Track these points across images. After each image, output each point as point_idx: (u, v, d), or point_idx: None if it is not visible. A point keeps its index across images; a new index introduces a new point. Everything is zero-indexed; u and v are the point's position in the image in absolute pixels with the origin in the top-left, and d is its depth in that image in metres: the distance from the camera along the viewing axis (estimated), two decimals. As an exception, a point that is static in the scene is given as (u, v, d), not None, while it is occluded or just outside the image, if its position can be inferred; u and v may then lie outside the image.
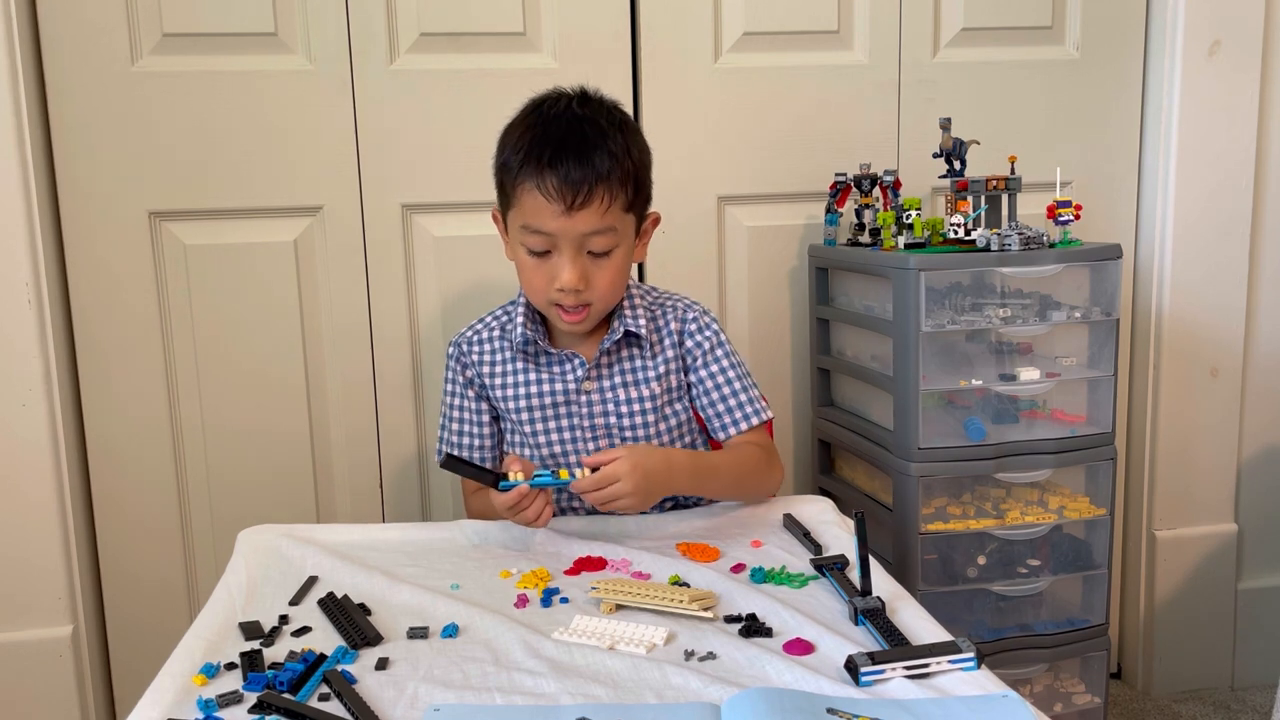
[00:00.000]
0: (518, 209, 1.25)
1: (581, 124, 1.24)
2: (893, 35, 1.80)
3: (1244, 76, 1.83)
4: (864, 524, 1.02)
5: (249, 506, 1.69)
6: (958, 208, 1.53)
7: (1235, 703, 1.93)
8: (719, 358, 1.36)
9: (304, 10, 1.62)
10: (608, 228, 1.24)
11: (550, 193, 1.21)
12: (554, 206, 1.21)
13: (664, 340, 1.36)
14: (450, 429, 1.40)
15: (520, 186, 1.23)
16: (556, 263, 1.25)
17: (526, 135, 1.24)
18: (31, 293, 1.54)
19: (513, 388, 1.34)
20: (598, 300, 1.28)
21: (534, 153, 1.22)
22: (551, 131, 1.23)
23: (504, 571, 1.15)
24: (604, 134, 1.24)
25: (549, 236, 1.23)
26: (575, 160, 1.21)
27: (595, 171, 1.21)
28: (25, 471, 1.57)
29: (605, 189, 1.22)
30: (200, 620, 1.02)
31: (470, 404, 1.38)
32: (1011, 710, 0.82)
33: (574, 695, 0.86)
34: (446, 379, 1.40)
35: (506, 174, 1.26)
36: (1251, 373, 1.93)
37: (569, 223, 1.22)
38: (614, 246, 1.26)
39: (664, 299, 1.40)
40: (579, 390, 1.33)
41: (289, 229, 1.67)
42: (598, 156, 1.21)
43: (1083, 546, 1.59)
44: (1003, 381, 1.52)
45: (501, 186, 1.29)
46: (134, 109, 1.59)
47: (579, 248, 1.24)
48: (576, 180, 1.20)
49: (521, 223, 1.25)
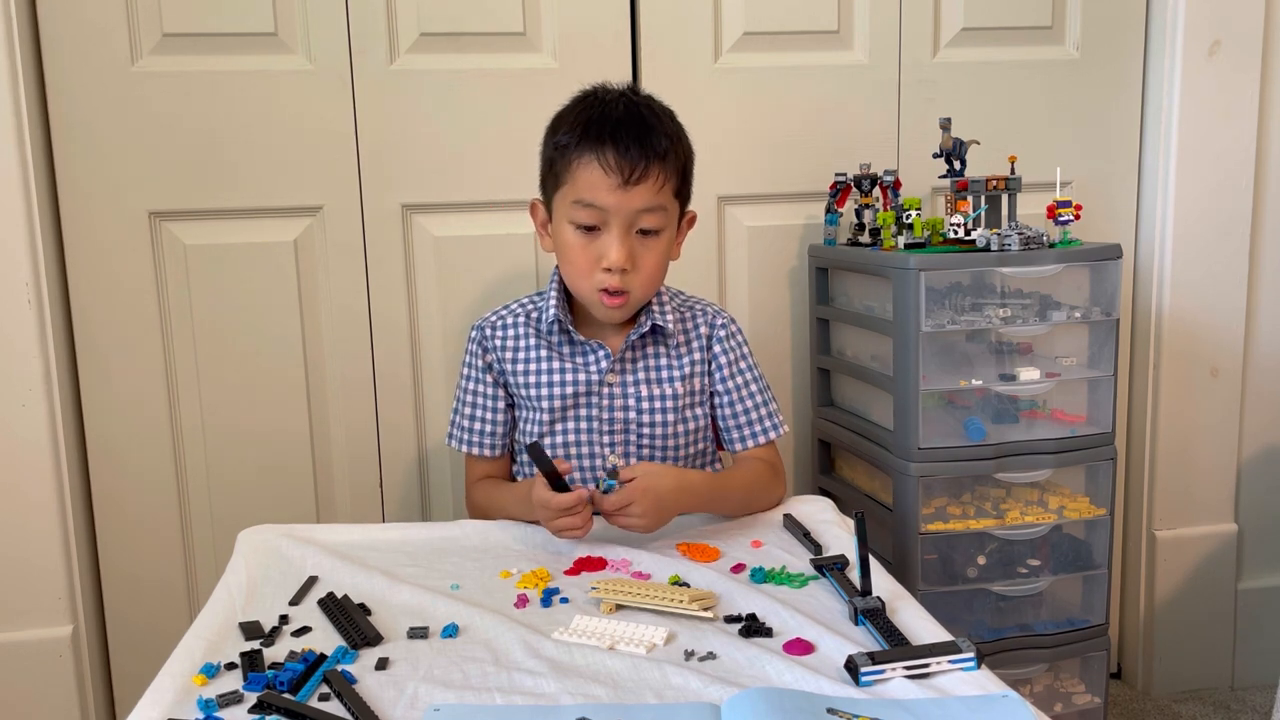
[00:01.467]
0: (570, 185, 1.27)
1: (638, 107, 1.29)
2: (893, 35, 1.80)
3: (1244, 76, 1.83)
4: (864, 524, 1.02)
5: (249, 506, 1.69)
6: (958, 208, 1.53)
7: (1235, 703, 1.93)
8: (743, 370, 1.40)
9: (304, 10, 1.62)
10: (659, 206, 1.28)
11: (610, 165, 1.24)
12: (611, 180, 1.24)
13: (691, 342, 1.38)
14: (463, 413, 1.40)
15: (577, 161, 1.26)
16: (604, 241, 1.27)
17: (584, 115, 1.28)
18: (31, 293, 1.53)
19: (534, 375, 1.35)
20: (638, 287, 1.29)
21: (594, 128, 1.26)
22: (610, 112, 1.27)
23: (504, 571, 1.15)
24: (659, 118, 1.29)
25: (601, 211, 1.26)
26: (634, 136, 1.25)
27: (654, 149, 1.25)
28: (25, 471, 1.57)
29: (661, 168, 1.26)
30: (200, 620, 1.02)
31: (486, 389, 1.38)
32: (1011, 710, 0.82)
33: (574, 695, 0.86)
34: (464, 363, 1.41)
35: (561, 152, 1.28)
36: (1251, 373, 1.93)
37: (624, 197, 1.25)
38: (662, 228, 1.29)
39: (692, 302, 1.43)
40: (601, 382, 1.34)
41: (289, 229, 1.67)
42: (655, 136, 1.26)
43: (1083, 546, 1.59)
44: (1003, 381, 1.52)
45: (551, 167, 1.31)
46: (134, 109, 1.59)
47: (629, 226, 1.27)
48: (635, 155, 1.24)
49: (575, 198, 1.27)
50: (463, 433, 1.40)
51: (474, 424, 1.39)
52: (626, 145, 1.24)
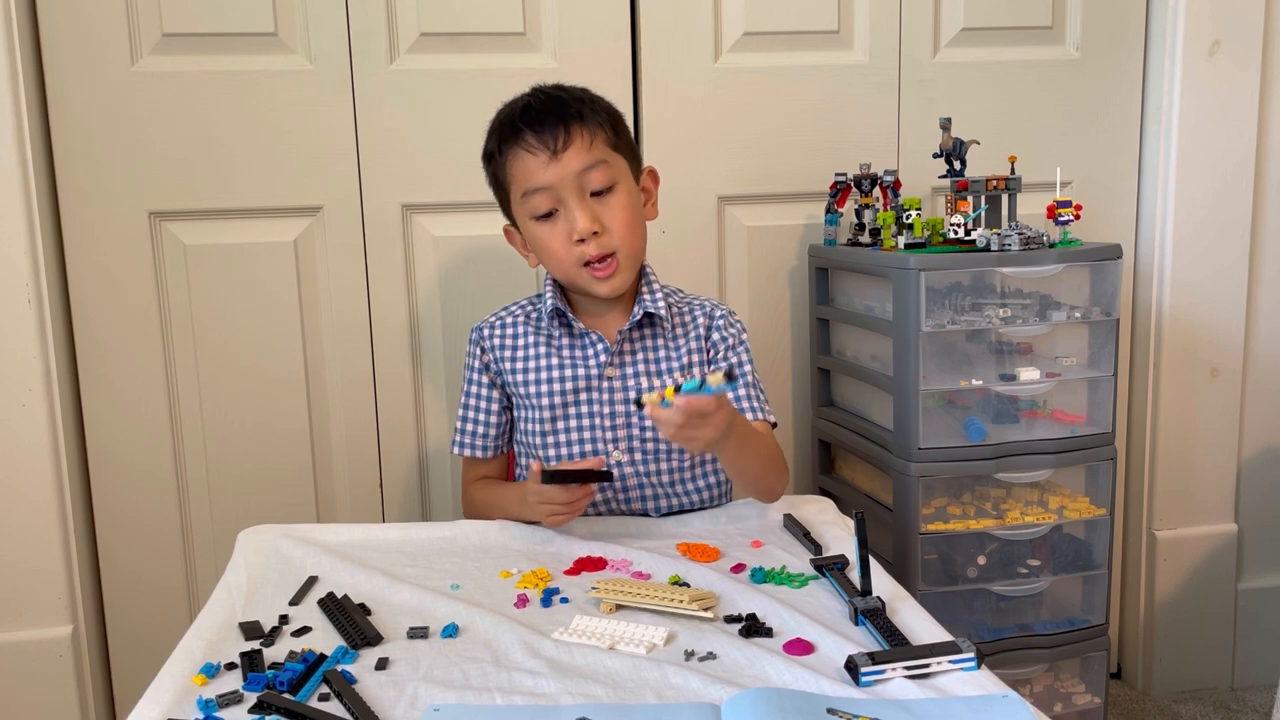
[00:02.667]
0: (514, 184, 1.30)
1: (543, 92, 1.32)
2: (893, 35, 1.80)
3: (1244, 76, 1.83)
4: (864, 524, 1.02)
5: (249, 506, 1.69)
6: (958, 208, 1.53)
7: (1235, 703, 1.93)
8: (740, 354, 1.39)
9: (304, 10, 1.62)
10: (599, 161, 1.27)
11: (532, 145, 1.26)
12: (540, 157, 1.26)
13: (690, 333, 1.38)
14: (469, 416, 1.40)
15: (506, 159, 1.29)
16: (567, 218, 1.28)
17: (497, 121, 1.32)
18: (31, 293, 1.54)
19: (533, 372, 1.35)
20: (620, 244, 1.29)
21: (507, 124, 1.29)
22: (515, 105, 1.31)
23: (504, 571, 1.15)
24: (566, 91, 1.32)
25: (548, 190, 1.27)
26: (545, 110, 1.27)
27: (566, 113, 1.27)
28: (25, 471, 1.57)
29: (582, 127, 1.27)
30: (200, 620, 1.02)
31: (483, 390, 1.39)
32: (1011, 710, 0.82)
33: (574, 695, 0.86)
34: (465, 366, 1.42)
35: (492, 161, 1.32)
36: (1251, 373, 1.93)
37: (559, 167, 1.26)
38: (613, 182, 1.29)
39: (690, 297, 1.43)
40: (601, 376, 1.34)
41: (289, 229, 1.67)
42: (563, 104, 1.28)
43: (1083, 546, 1.59)
44: (1003, 381, 1.52)
45: (496, 182, 1.34)
46: (134, 109, 1.59)
47: (580, 191, 1.27)
48: (552, 124, 1.26)
49: (520, 192, 1.29)
50: (464, 435, 1.40)
51: (476, 427, 1.39)
52: (540, 121, 1.26)
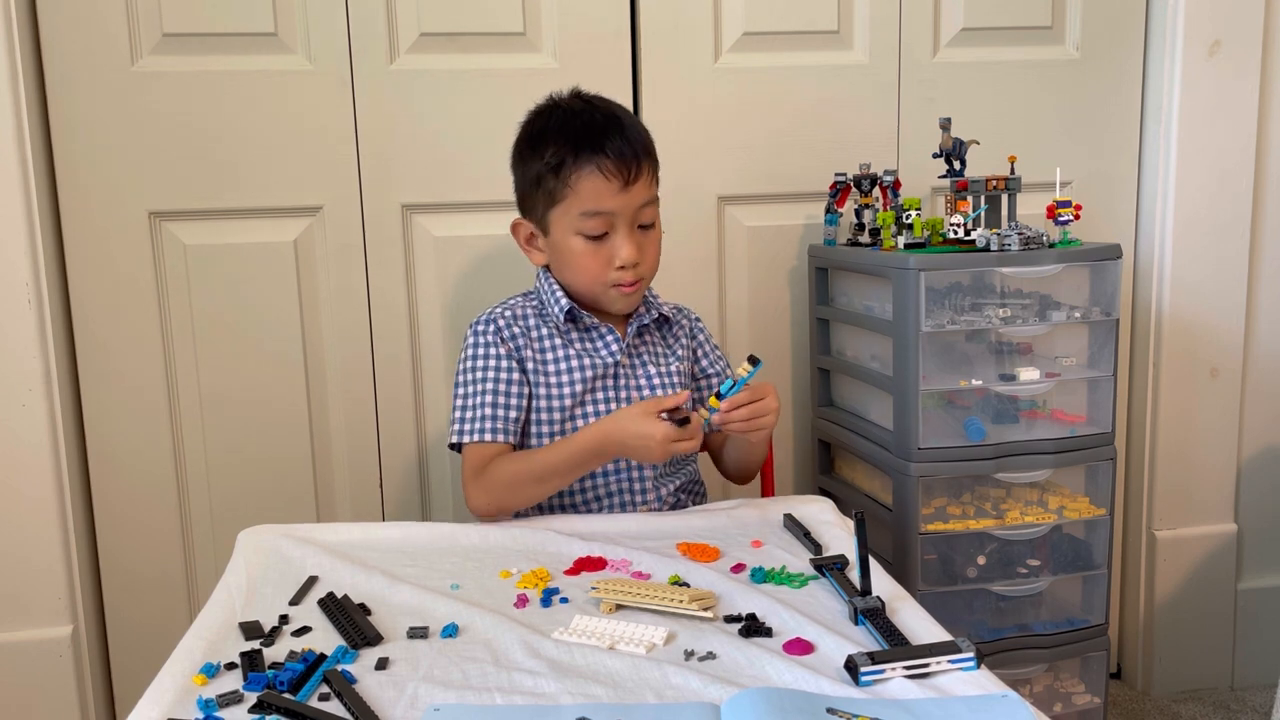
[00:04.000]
0: (573, 199, 1.30)
1: (612, 110, 1.34)
2: (893, 35, 1.80)
3: (1244, 76, 1.83)
4: (864, 524, 1.02)
5: (249, 506, 1.69)
6: (958, 208, 1.53)
7: (1235, 703, 1.93)
8: (717, 350, 1.51)
9: (304, 10, 1.62)
10: (653, 198, 1.34)
11: (610, 171, 1.28)
12: (613, 184, 1.29)
13: (682, 332, 1.47)
14: (485, 402, 1.34)
15: (576, 175, 1.29)
16: (614, 242, 1.32)
17: (568, 129, 1.31)
18: (31, 293, 1.54)
19: (553, 363, 1.37)
20: (647, 273, 1.36)
21: (586, 139, 1.29)
22: (586, 120, 1.31)
23: (504, 571, 1.15)
24: (625, 115, 1.34)
25: (608, 216, 1.30)
26: (623, 139, 1.29)
27: (640, 145, 1.31)
28: (25, 471, 1.57)
29: (648, 161, 1.32)
30: (200, 620, 1.02)
31: (515, 375, 1.36)
32: (1011, 710, 0.82)
33: (574, 695, 0.86)
34: (479, 355, 1.36)
35: (556, 170, 1.30)
36: (1251, 373, 1.93)
37: (626, 198, 1.30)
38: (656, 218, 1.36)
39: (667, 302, 1.49)
40: (616, 364, 1.38)
41: (289, 229, 1.67)
42: (637, 133, 1.32)
43: (1082, 546, 1.59)
44: (1003, 381, 1.52)
45: (540, 185, 1.32)
46: (134, 109, 1.59)
47: (633, 223, 1.32)
48: (629, 156, 1.29)
49: (580, 210, 1.30)
50: (484, 420, 1.33)
51: (504, 411, 1.34)
52: (619, 148, 1.28)
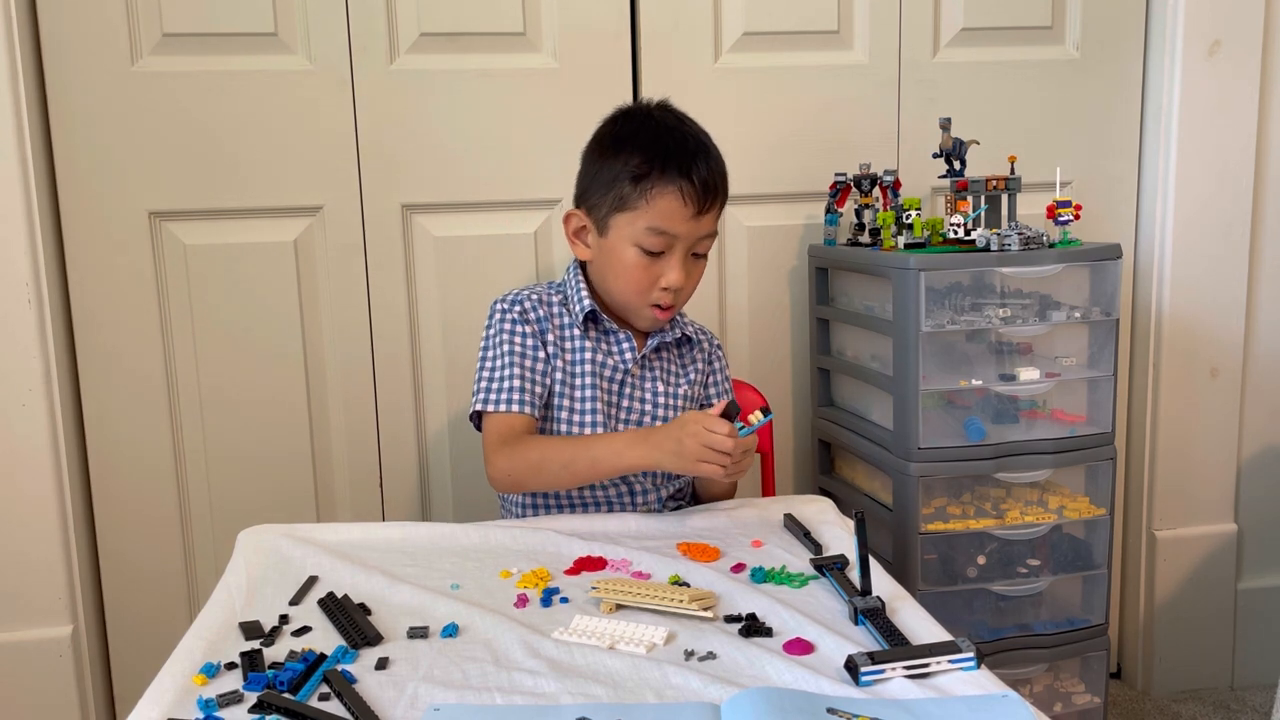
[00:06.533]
0: (646, 210, 1.28)
1: (700, 134, 1.33)
2: (893, 35, 1.80)
3: (1244, 76, 1.83)
4: (864, 524, 1.02)
5: (249, 506, 1.69)
6: (958, 208, 1.53)
7: (1235, 703, 1.93)
8: (729, 380, 1.50)
9: (304, 10, 1.62)
10: (715, 230, 1.34)
11: (689, 196, 1.27)
12: (688, 210, 1.28)
13: (697, 358, 1.46)
14: (514, 373, 1.34)
15: (657, 190, 1.28)
16: (666, 263, 1.31)
17: (660, 143, 1.29)
18: (31, 293, 1.54)
19: (573, 353, 1.37)
20: (684, 300, 1.36)
21: (675, 159, 1.27)
22: (684, 142, 1.30)
23: (504, 571, 1.15)
24: (711, 143, 1.33)
25: (671, 238, 1.29)
26: (709, 168, 1.29)
27: (720, 178, 1.31)
28: (25, 471, 1.57)
29: (724, 194, 1.33)
30: (200, 620, 1.02)
31: (540, 352, 1.36)
32: (1011, 710, 0.82)
33: (574, 695, 0.86)
34: (504, 329, 1.35)
35: (637, 179, 1.28)
36: (1251, 373, 1.93)
37: (695, 225, 1.29)
38: (708, 250, 1.35)
39: (692, 322, 1.48)
40: (627, 371, 1.38)
41: (289, 229, 1.67)
42: (719, 164, 1.31)
43: (1082, 546, 1.59)
44: (1003, 381, 1.52)
45: (615, 188, 1.30)
46: (134, 109, 1.59)
47: (690, 250, 1.32)
48: (712, 186, 1.29)
49: (648, 224, 1.29)
50: (513, 393, 1.33)
51: (529, 384, 1.34)
52: (704, 177, 1.28)
